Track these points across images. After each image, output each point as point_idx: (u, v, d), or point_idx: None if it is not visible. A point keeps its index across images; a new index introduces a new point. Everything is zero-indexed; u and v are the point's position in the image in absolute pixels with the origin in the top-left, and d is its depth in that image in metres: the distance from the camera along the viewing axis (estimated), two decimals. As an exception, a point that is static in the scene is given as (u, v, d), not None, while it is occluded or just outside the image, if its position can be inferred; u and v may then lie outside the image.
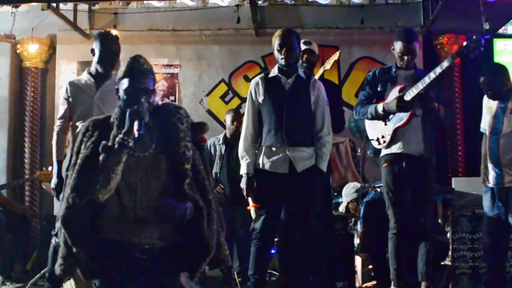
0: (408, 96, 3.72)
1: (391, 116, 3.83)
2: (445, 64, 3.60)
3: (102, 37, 3.96)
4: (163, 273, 2.38)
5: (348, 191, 5.33)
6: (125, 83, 2.50)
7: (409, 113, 3.76)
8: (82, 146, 2.46)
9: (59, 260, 2.44)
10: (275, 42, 3.73)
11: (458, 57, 3.58)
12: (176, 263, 2.42)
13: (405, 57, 3.86)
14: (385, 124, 3.87)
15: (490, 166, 4.01)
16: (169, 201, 2.35)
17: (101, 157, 2.34)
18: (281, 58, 3.70)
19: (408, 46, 3.85)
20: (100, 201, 2.34)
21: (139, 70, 2.50)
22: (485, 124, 4.15)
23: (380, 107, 3.80)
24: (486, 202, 4.05)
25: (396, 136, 3.83)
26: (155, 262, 2.37)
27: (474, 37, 3.51)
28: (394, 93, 3.83)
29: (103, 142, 2.36)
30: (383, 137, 3.87)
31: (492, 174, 3.99)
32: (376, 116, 3.86)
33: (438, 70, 3.62)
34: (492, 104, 4.08)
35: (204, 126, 2.60)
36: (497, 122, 4.00)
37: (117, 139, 2.34)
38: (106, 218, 2.40)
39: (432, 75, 3.64)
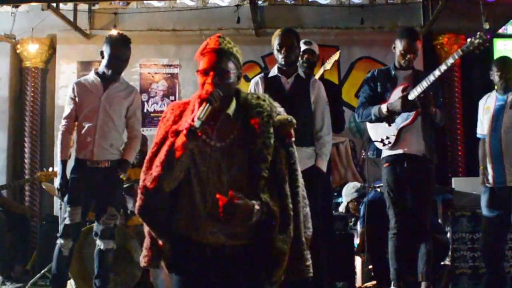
0: (412, 95, 3.71)
1: (395, 116, 3.82)
2: (450, 60, 3.60)
3: (114, 40, 3.94)
4: (236, 274, 2.18)
5: (348, 191, 5.33)
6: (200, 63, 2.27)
7: (414, 112, 3.75)
8: (159, 133, 2.26)
9: (144, 252, 2.28)
10: (275, 41, 3.73)
11: (463, 53, 3.56)
12: (250, 265, 2.17)
13: (408, 56, 3.85)
14: (389, 125, 3.85)
15: (490, 166, 4.02)
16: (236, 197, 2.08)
17: (168, 142, 2.15)
18: (281, 58, 3.70)
19: (412, 44, 3.85)
20: (165, 190, 2.16)
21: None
22: (481, 129, 4.18)
23: (384, 107, 3.79)
24: (485, 203, 4.06)
25: (400, 136, 3.83)
26: (227, 261, 2.17)
27: (479, 33, 3.52)
28: (397, 93, 3.81)
29: (173, 126, 2.18)
30: (387, 138, 3.86)
31: (491, 173, 3.99)
32: (380, 117, 3.84)
33: (443, 67, 3.62)
34: (490, 104, 4.10)
35: (289, 121, 2.26)
36: (497, 119, 4.01)
37: (185, 124, 2.09)
38: (179, 211, 2.23)
39: (437, 73, 3.63)
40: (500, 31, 6.89)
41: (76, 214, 3.83)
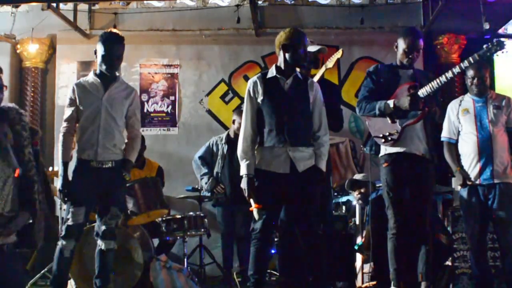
0: (422, 94, 3.71)
1: (400, 114, 3.80)
2: (465, 64, 3.60)
3: (105, 38, 3.95)
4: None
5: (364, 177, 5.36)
6: None
7: (421, 111, 3.74)
8: None
9: None
10: (287, 40, 3.71)
11: (479, 58, 3.58)
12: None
13: (412, 54, 3.86)
14: (393, 122, 3.84)
15: (477, 164, 4.05)
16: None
17: None
18: (288, 56, 3.69)
19: (416, 41, 3.86)
20: None
21: None
22: (447, 132, 4.23)
23: (391, 103, 3.78)
24: (467, 202, 4.08)
25: (403, 134, 3.83)
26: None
27: (495, 40, 3.56)
28: (403, 91, 3.80)
29: None
30: (390, 134, 3.84)
31: (476, 171, 4.04)
32: (384, 113, 3.82)
33: (456, 69, 3.63)
34: (467, 106, 4.17)
35: (37, 132, 2.86)
36: (482, 119, 4.08)
37: None
38: None
39: (449, 75, 3.64)
40: (500, 31, 6.89)
41: (79, 214, 3.84)
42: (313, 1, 7.00)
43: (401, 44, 3.90)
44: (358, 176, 5.41)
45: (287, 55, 3.70)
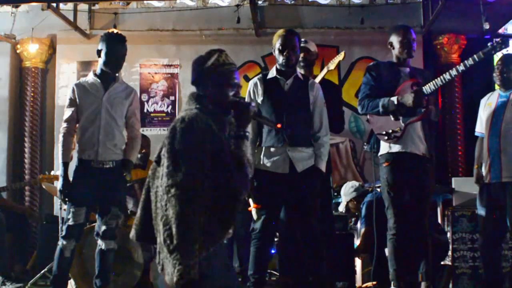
0: (426, 91, 3.70)
1: (403, 111, 3.77)
2: (469, 62, 3.60)
3: (109, 38, 3.94)
4: None
5: (347, 190, 5.32)
6: None
7: (424, 109, 3.73)
8: None
9: None
10: (277, 42, 3.71)
11: (484, 56, 3.57)
12: None
13: (410, 43, 3.84)
14: (396, 119, 3.82)
15: (487, 162, 4.04)
16: None
17: None
18: (282, 59, 3.69)
19: (409, 32, 3.86)
20: None
21: None
22: (480, 127, 4.21)
23: (395, 100, 3.75)
24: (481, 202, 4.09)
25: (405, 132, 3.82)
26: None
27: (498, 39, 3.57)
28: (407, 88, 3.79)
29: None
30: (394, 132, 3.82)
31: (488, 170, 4.03)
32: (387, 109, 3.79)
33: (461, 67, 3.62)
34: (492, 100, 4.14)
35: None
36: (498, 115, 4.05)
37: None
38: None
39: (454, 72, 3.63)
40: (500, 31, 6.89)
41: (80, 215, 3.84)
42: (313, 1, 7.01)
43: (396, 39, 3.87)
44: (353, 187, 5.36)
45: (280, 58, 3.70)
